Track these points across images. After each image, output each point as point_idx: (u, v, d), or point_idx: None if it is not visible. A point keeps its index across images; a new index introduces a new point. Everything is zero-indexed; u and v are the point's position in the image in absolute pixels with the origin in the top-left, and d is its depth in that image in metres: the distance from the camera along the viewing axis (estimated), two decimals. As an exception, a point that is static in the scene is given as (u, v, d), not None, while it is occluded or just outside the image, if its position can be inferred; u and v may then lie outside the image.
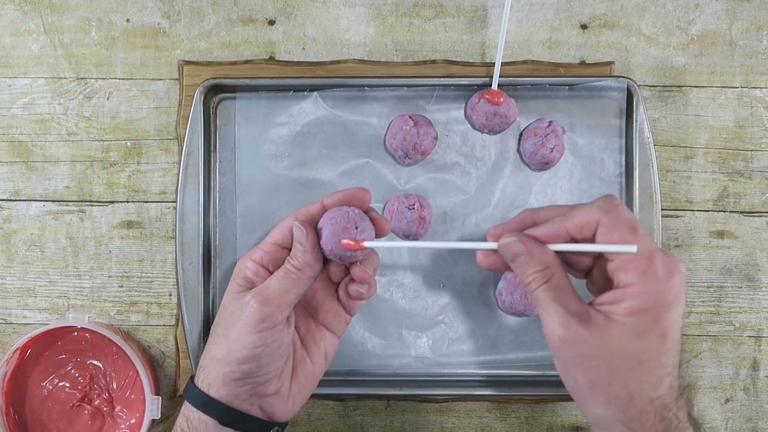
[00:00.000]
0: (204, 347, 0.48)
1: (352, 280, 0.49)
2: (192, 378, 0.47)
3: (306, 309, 0.50)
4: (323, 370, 0.50)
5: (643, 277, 0.39)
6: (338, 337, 0.50)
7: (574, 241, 0.42)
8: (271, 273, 0.47)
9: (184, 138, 0.57)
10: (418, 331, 0.59)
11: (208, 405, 0.45)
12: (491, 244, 0.44)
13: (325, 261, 0.47)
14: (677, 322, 0.39)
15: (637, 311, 0.39)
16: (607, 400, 0.40)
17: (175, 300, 0.60)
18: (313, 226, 0.46)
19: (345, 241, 0.45)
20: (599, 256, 0.43)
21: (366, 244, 0.45)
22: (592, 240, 0.41)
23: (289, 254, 0.47)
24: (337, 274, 0.50)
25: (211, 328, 0.48)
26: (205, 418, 0.45)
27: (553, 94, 0.58)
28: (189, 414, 0.46)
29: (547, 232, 0.43)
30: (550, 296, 0.41)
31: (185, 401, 0.47)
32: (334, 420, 0.61)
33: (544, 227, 0.43)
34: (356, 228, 0.45)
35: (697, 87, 0.60)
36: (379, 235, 0.47)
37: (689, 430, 0.40)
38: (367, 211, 0.48)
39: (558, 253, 0.43)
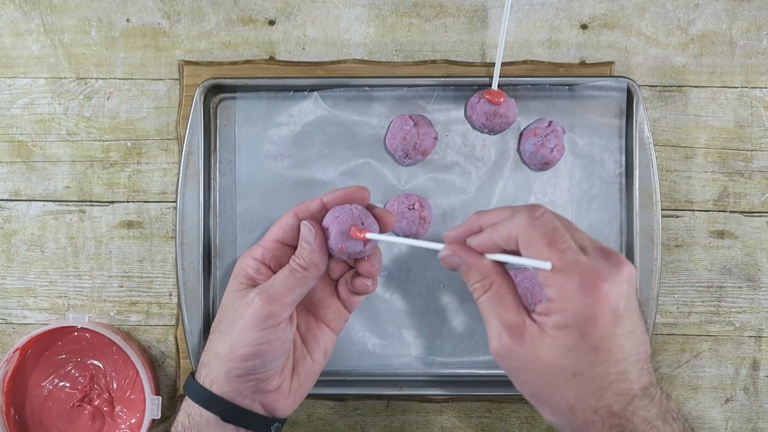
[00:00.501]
0: (204, 345, 0.49)
1: (357, 275, 0.49)
2: (192, 374, 0.48)
3: (306, 306, 0.50)
4: (322, 367, 0.50)
5: (562, 292, 0.38)
6: (337, 334, 0.51)
7: (504, 252, 0.41)
8: (273, 270, 0.47)
9: (184, 138, 0.57)
10: (418, 331, 0.59)
11: (210, 401, 0.45)
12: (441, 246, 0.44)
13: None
14: (609, 333, 0.37)
15: (562, 326, 0.38)
16: (551, 410, 0.40)
17: (175, 300, 0.60)
18: (319, 224, 0.47)
19: (355, 234, 0.46)
20: None
21: (369, 236, 0.46)
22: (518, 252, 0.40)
23: (289, 251, 0.47)
24: (336, 271, 0.50)
25: (213, 325, 0.48)
26: (207, 414, 0.45)
27: (553, 94, 0.58)
28: (190, 410, 0.46)
29: (480, 242, 0.42)
30: (488, 307, 0.41)
31: (186, 397, 0.47)
32: (334, 420, 0.61)
33: (478, 238, 0.42)
34: (362, 224, 0.46)
35: (697, 87, 0.60)
36: (384, 229, 0.48)
37: (659, 429, 0.39)
38: (369, 208, 0.48)
39: None
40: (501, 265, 0.42)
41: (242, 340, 0.44)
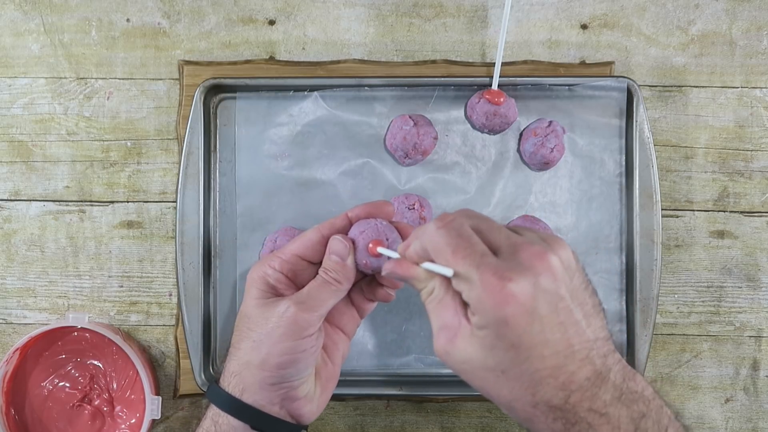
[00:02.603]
0: (228, 351, 0.48)
1: (378, 285, 0.49)
2: (215, 383, 0.48)
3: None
4: (339, 371, 0.51)
5: (471, 297, 0.38)
6: (350, 338, 0.51)
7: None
8: (292, 282, 0.47)
9: (184, 138, 0.57)
10: (418, 331, 0.59)
11: (241, 410, 0.46)
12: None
13: None
14: (526, 331, 0.37)
15: (481, 327, 0.38)
16: (498, 404, 0.40)
17: (175, 300, 0.60)
18: (350, 239, 0.47)
19: (373, 250, 0.46)
20: None
21: (381, 250, 0.46)
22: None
23: (308, 266, 0.48)
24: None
25: (237, 333, 0.48)
26: (235, 423, 0.46)
27: (553, 94, 0.58)
28: (218, 419, 0.46)
29: (409, 254, 0.42)
30: (430, 310, 0.41)
31: (212, 405, 0.47)
32: (334, 420, 0.61)
33: (408, 250, 0.43)
34: (387, 239, 0.47)
35: (697, 87, 0.60)
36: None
37: (611, 416, 0.37)
38: (392, 222, 0.49)
39: None
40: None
41: (278, 350, 0.45)
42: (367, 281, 0.50)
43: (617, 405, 0.38)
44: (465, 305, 0.40)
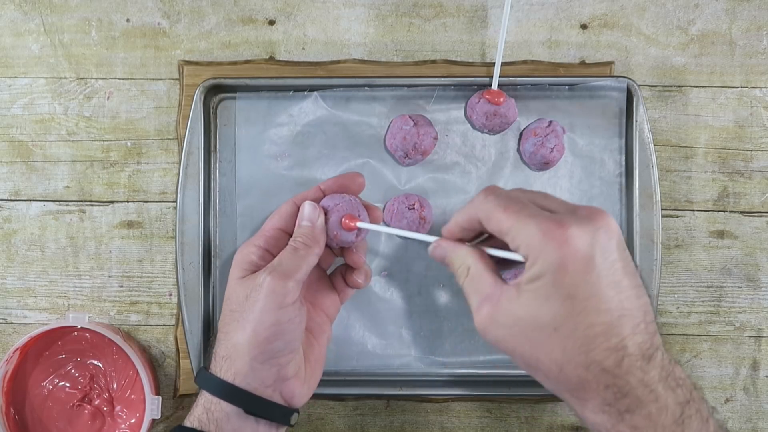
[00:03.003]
0: (213, 340, 0.49)
1: (349, 269, 0.52)
2: (205, 369, 0.48)
3: (304, 295, 0.51)
4: (325, 354, 0.52)
5: (527, 246, 0.38)
6: (332, 321, 0.53)
7: (474, 232, 0.44)
8: (275, 257, 0.48)
9: (184, 138, 0.57)
10: (418, 331, 0.59)
11: (233, 394, 0.46)
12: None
13: None
14: (583, 280, 0.37)
15: (534, 278, 0.38)
16: (544, 374, 0.39)
17: (175, 300, 0.60)
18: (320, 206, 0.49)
19: (348, 222, 0.48)
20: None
21: (361, 224, 0.49)
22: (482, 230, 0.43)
23: (288, 236, 0.49)
24: (326, 261, 0.53)
25: (222, 318, 0.48)
26: (228, 408, 0.45)
27: (553, 94, 0.58)
28: (209, 405, 0.46)
29: (448, 228, 0.44)
30: (468, 287, 0.42)
31: (203, 392, 0.47)
32: (334, 420, 0.61)
33: (447, 225, 0.45)
34: (358, 215, 0.49)
35: (697, 87, 0.60)
36: (372, 222, 0.51)
37: (659, 394, 0.37)
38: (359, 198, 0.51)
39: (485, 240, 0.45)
40: (479, 249, 0.43)
41: (264, 322, 0.45)
42: (345, 266, 0.52)
43: (664, 385, 0.37)
44: (500, 277, 0.41)
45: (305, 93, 0.58)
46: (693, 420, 0.37)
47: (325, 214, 0.49)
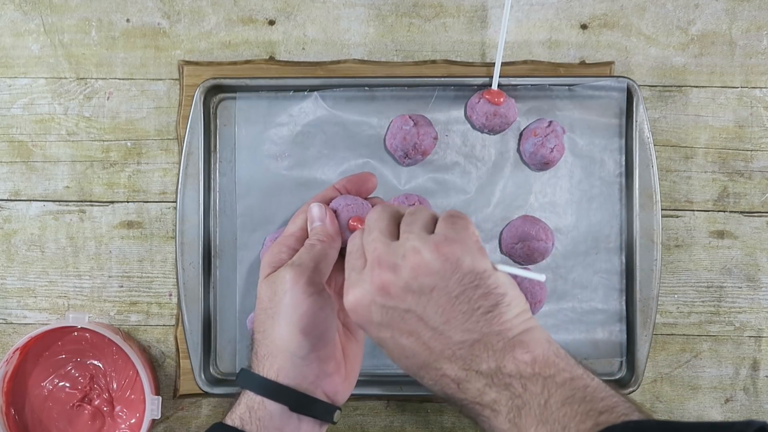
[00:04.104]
0: (252, 340, 0.49)
1: None
2: (247, 369, 0.48)
3: (339, 291, 0.51)
4: (363, 349, 0.52)
5: None
6: None
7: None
8: None
9: (184, 138, 0.57)
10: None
11: (278, 392, 0.46)
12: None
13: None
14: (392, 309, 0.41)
15: None
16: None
17: (175, 300, 0.60)
18: (329, 207, 0.50)
19: (354, 223, 0.49)
20: None
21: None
22: None
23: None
24: None
25: (256, 318, 0.48)
26: (272, 407, 0.46)
27: (553, 94, 0.58)
28: (252, 404, 0.46)
29: None
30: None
31: (245, 391, 0.47)
32: (334, 420, 0.61)
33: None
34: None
35: (697, 87, 0.60)
36: None
37: (488, 402, 0.40)
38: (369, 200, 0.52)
39: None
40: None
41: (295, 314, 0.46)
42: None
43: (497, 390, 0.39)
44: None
45: (305, 93, 0.58)
46: (528, 408, 0.38)
47: (337, 212, 0.50)
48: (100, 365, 0.59)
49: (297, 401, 0.46)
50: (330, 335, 0.47)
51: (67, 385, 0.59)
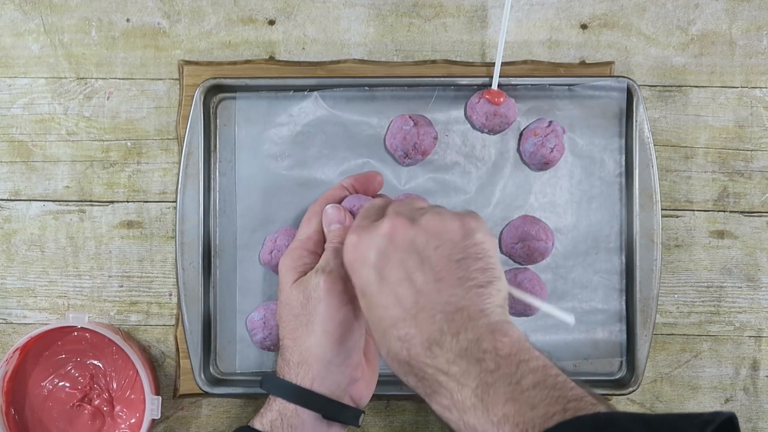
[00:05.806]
0: (280, 346, 0.49)
1: None
2: (274, 375, 0.48)
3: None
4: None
5: None
6: None
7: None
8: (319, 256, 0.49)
9: (184, 138, 0.57)
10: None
11: (312, 400, 0.46)
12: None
13: None
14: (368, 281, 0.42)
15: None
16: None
17: (175, 300, 0.60)
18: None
19: None
20: None
21: None
22: None
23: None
24: None
25: (285, 324, 0.48)
26: (305, 415, 0.46)
27: (553, 94, 0.58)
28: (285, 411, 0.46)
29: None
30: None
31: (276, 398, 0.47)
32: (334, 420, 0.61)
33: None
34: None
35: (697, 87, 0.60)
36: None
37: (453, 373, 0.39)
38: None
39: None
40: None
41: (332, 322, 0.46)
42: None
43: (466, 362, 0.38)
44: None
45: (305, 93, 0.58)
46: (499, 385, 0.37)
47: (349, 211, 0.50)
48: (100, 365, 0.59)
49: (330, 408, 0.46)
50: (361, 343, 0.48)
51: (67, 385, 0.59)
